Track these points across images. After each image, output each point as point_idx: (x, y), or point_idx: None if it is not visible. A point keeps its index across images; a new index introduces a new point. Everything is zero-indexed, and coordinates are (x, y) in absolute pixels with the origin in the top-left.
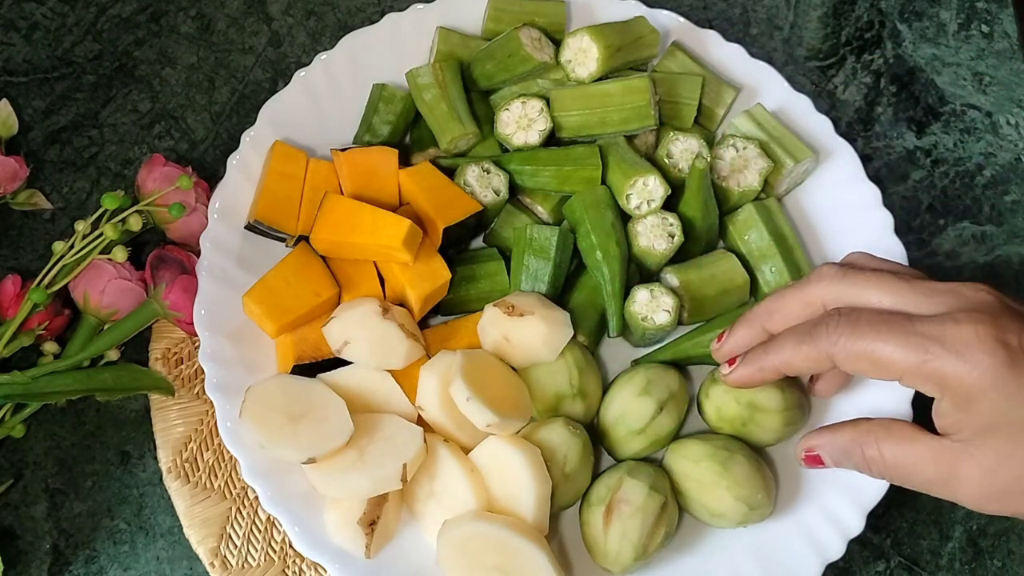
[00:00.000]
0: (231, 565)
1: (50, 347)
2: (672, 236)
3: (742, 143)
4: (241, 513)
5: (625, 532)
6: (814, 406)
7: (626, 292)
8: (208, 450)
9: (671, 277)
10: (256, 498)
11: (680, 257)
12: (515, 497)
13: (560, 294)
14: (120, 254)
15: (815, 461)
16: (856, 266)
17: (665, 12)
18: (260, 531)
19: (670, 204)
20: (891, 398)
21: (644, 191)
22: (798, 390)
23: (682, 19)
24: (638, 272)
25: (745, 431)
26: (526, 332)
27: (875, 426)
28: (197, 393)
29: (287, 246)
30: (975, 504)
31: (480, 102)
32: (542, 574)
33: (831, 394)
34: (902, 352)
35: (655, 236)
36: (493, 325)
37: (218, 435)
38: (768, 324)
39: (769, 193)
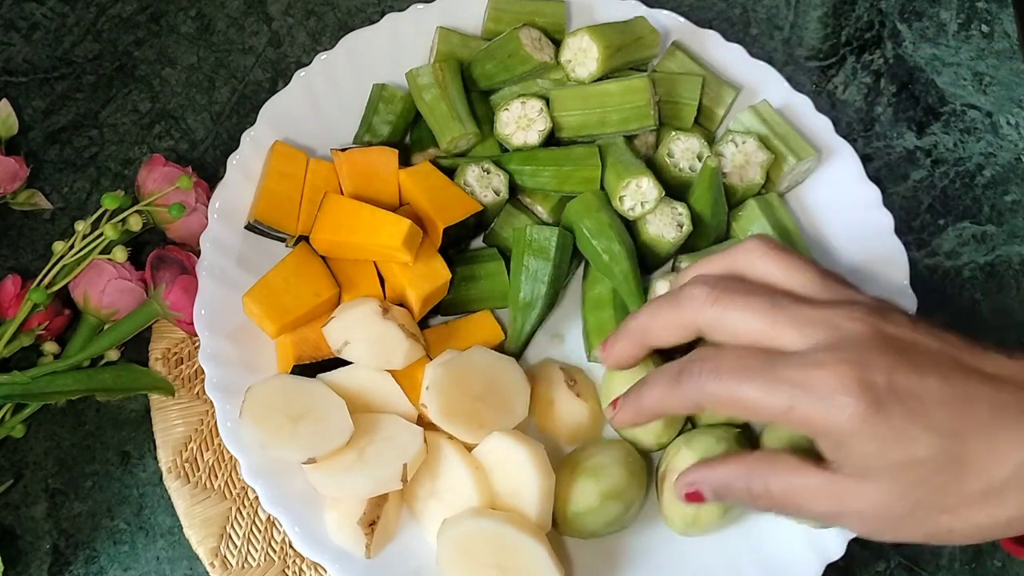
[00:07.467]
0: (231, 565)
1: (50, 347)
2: (680, 225)
3: (741, 137)
4: (241, 513)
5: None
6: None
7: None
8: (208, 450)
9: (687, 265)
10: (256, 498)
11: (688, 252)
12: (518, 493)
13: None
14: (120, 254)
15: (696, 497)
16: (732, 284)
17: (665, 12)
18: (260, 531)
19: (677, 199)
20: None
21: (637, 193)
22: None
23: (682, 19)
24: (643, 265)
25: (629, 434)
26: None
27: (760, 458)
28: (197, 393)
29: (287, 246)
30: (870, 535)
31: (480, 102)
32: (542, 570)
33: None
34: (768, 398)
35: (664, 225)
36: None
37: (218, 435)
38: (646, 340)
39: (771, 188)
